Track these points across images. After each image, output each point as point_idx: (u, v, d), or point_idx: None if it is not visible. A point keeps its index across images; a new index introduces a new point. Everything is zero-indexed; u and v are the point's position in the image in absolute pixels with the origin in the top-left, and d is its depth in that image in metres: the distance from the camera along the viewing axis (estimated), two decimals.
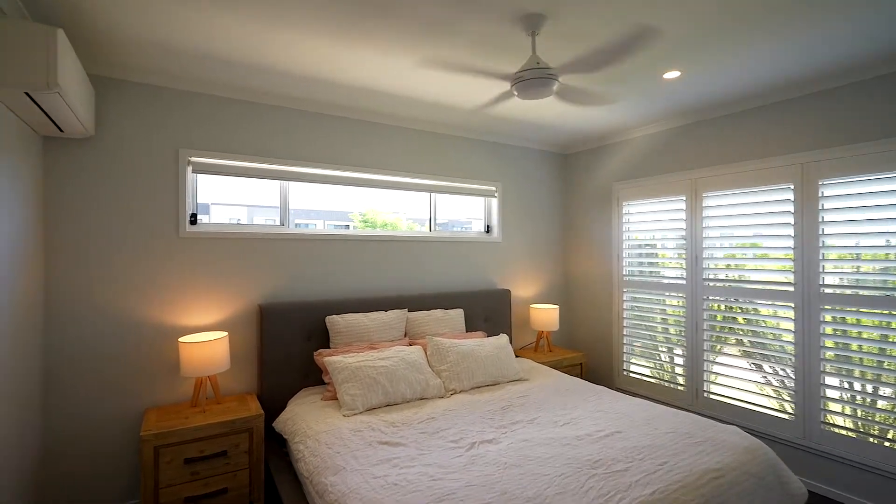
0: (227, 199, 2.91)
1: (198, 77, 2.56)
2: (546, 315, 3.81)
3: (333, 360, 2.56)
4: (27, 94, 1.65)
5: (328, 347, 2.90)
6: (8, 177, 1.92)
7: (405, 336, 3.12)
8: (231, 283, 2.76)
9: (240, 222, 2.93)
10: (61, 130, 2.16)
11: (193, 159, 2.67)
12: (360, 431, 2.12)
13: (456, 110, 3.18)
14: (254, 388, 2.84)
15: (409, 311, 3.24)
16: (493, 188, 3.93)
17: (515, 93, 2.07)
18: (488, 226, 4.02)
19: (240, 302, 2.79)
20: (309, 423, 2.24)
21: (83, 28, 2.00)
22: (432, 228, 3.76)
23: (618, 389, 3.91)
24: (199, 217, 2.77)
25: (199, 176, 2.78)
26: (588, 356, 4.19)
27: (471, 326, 3.55)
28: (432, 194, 3.74)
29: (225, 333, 2.55)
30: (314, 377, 2.86)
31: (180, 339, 2.44)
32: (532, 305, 3.92)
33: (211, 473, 2.28)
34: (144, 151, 2.52)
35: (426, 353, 2.88)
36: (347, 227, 3.44)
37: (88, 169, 2.39)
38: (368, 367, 2.51)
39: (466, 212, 4.01)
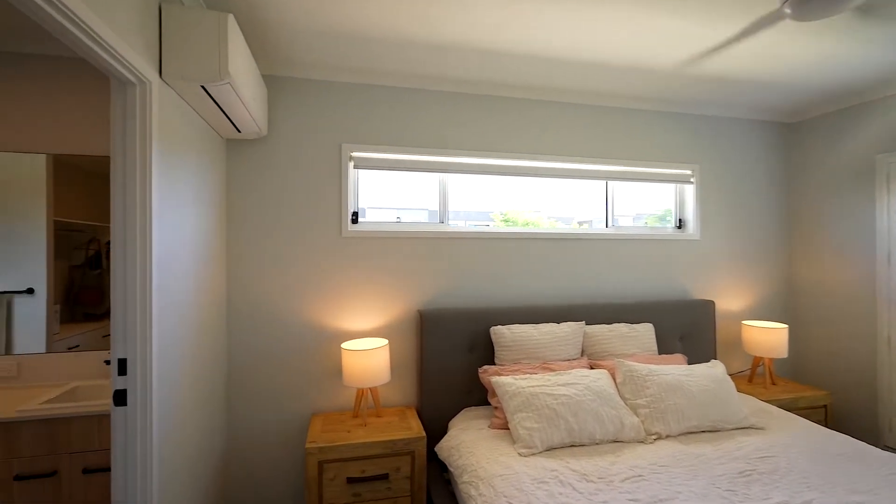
0: (380, 202, 2.73)
1: (358, 67, 2.40)
2: (769, 336, 2.85)
3: (503, 382, 2.14)
4: (203, 87, 1.58)
5: (493, 363, 2.51)
6: (203, 179, 1.94)
7: (582, 355, 2.56)
8: (390, 286, 2.56)
9: (399, 220, 2.73)
10: (238, 131, 2.16)
11: (355, 154, 2.53)
12: (544, 483, 1.65)
13: (653, 73, 2.50)
14: (413, 400, 2.60)
15: (586, 324, 2.68)
16: (689, 172, 3.11)
17: (788, 11, 1.37)
18: (680, 220, 3.21)
19: (399, 307, 2.57)
20: (479, 459, 1.85)
21: (254, 23, 1.93)
22: (610, 224, 3.11)
23: (886, 448, 2.74)
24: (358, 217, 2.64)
25: (359, 174, 2.64)
26: (835, 397, 3.05)
27: (663, 347, 2.82)
28: (609, 183, 3.10)
29: (385, 342, 2.34)
30: (478, 395, 2.50)
31: (343, 346, 2.29)
32: (745, 322, 2.98)
33: (372, 497, 2.06)
34: (310, 149, 2.46)
35: (615, 380, 2.28)
36: (488, 227, 3.02)
37: (261, 169, 2.39)
38: (546, 395, 2.03)
39: (646, 204, 3.26)
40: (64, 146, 2.13)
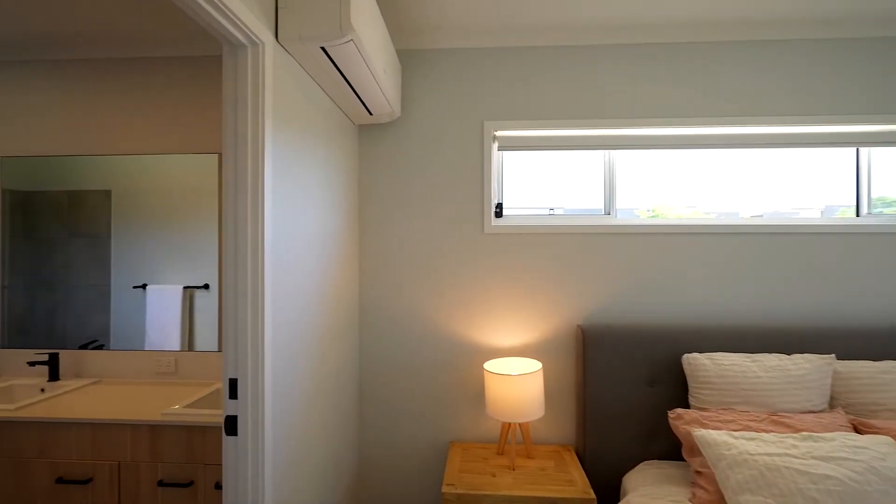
0: (524, 194, 2.23)
1: (502, 25, 1.95)
2: None
3: (714, 440, 1.48)
4: (324, 50, 1.29)
5: (685, 403, 1.84)
6: (332, 168, 1.71)
7: (832, 406, 1.73)
8: (543, 293, 2.06)
9: (552, 213, 2.22)
10: (370, 113, 1.89)
11: (499, 133, 2.10)
12: None
13: None
14: (572, 438, 2.06)
15: (836, 357, 1.82)
16: None
17: None
18: None
19: (554, 320, 2.06)
20: None
21: None
22: (862, 212, 2.14)
23: None
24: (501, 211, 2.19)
25: (504, 159, 2.20)
26: None
27: None
28: (861, 150, 2.12)
29: (538, 366, 1.85)
30: (664, 444, 1.85)
31: (486, 366, 1.87)
32: None
33: None
34: (448, 130, 2.10)
35: None
36: None
37: (394, 157, 2.11)
38: (797, 473, 1.31)
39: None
40: None
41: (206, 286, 2.01)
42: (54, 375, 2.09)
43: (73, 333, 2.09)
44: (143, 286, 2.02)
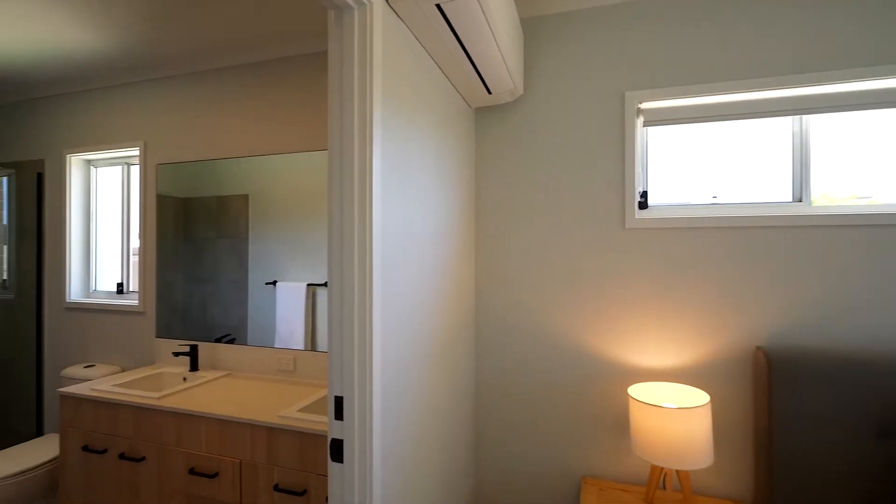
0: (669, 188, 1.79)
1: None
2: None
3: None
4: (438, 7, 1.08)
5: None
6: (448, 155, 1.52)
7: None
8: (704, 304, 1.62)
9: (716, 201, 1.75)
10: (489, 92, 1.65)
11: (645, 105, 1.71)
12: None
13: None
14: (746, 493, 1.58)
15: None
16: None
17: None
18: None
19: (720, 338, 1.61)
20: None
21: None
22: None
23: None
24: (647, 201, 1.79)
25: (648, 138, 1.80)
26: None
27: None
28: None
29: (705, 398, 1.44)
30: None
31: (631, 391, 1.52)
32: None
33: None
34: (578, 107, 1.77)
35: None
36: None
37: (515, 141, 1.85)
38: None
39: None
40: None
41: (326, 284, 2.05)
42: (194, 366, 2.24)
43: (220, 323, 2.25)
44: (274, 283, 2.11)
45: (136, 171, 2.67)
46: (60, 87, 2.66)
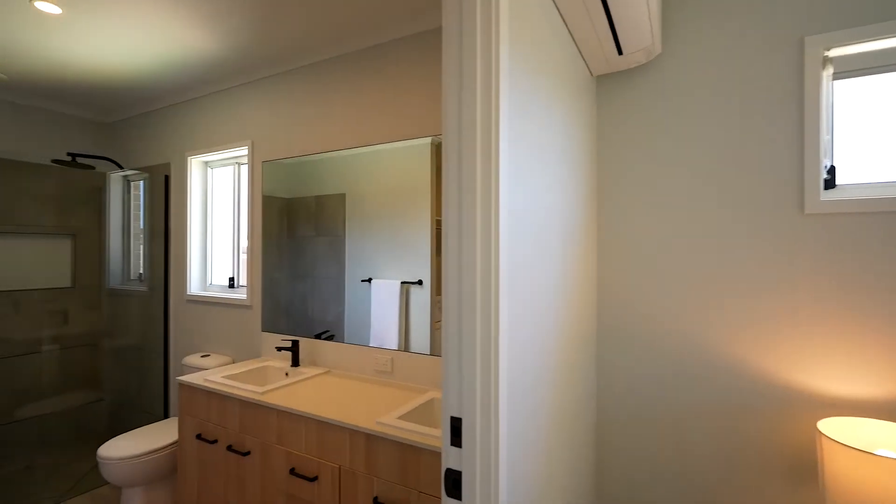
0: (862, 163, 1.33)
1: None
2: None
3: None
4: None
5: None
6: (572, 133, 1.28)
7: None
8: None
9: None
10: (620, 51, 1.37)
11: (835, 52, 1.31)
12: None
13: None
14: None
15: None
16: None
17: None
18: None
19: None
20: None
21: None
22: None
23: None
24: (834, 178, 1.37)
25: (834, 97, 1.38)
26: None
27: None
28: None
29: None
30: None
31: (821, 426, 1.15)
32: None
33: None
34: (735, 63, 1.41)
35: None
36: None
37: (647, 113, 1.54)
38: None
39: None
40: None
41: (420, 282, 1.96)
42: (296, 361, 2.24)
43: (319, 318, 2.27)
44: (369, 280, 2.09)
45: (244, 170, 2.78)
46: (181, 95, 2.86)
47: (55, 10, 1.89)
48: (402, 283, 2.01)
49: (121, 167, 3.19)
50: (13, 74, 2.62)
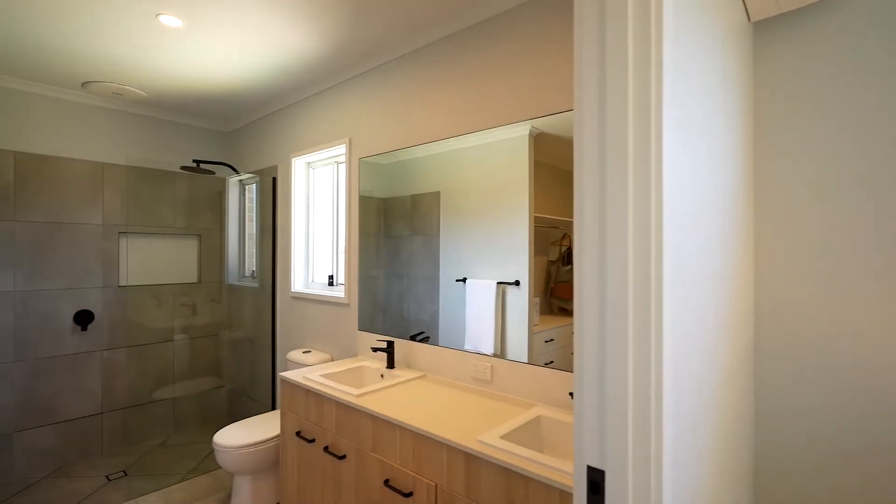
0: None
1: None
2: None
3: None
4: None
5: None
6: (733, 105, 0.99)
7: None
8: None
9: None
10: None
11: None
12: None
13: None
14: None
15: None
16: None
17: None
18: None
19: None
20: None
21: None
22: None
23: None
24: None
25: None
26: None
27: None
28: None
29: None
30: None
31: None
32: None
33: None
34: None
35: None
36: None
37: (821, 60, 1.15)
38: None
39: None
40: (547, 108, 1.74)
41: (517, 282, 1.81)
42: (391, 362, 2.16)
43: (414, 318, 2.21)
44: (464, 280, 2.00)
45: (343, 169, 2.80)
46: (285, 100, 2.98)
47: (177, 23, 2.02)
48: (497, 283, 1.88)
49: (236, 171, 3.44)
50: (151, 92, 2.92)
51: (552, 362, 1.70)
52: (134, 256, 3.23)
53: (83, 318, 2.96)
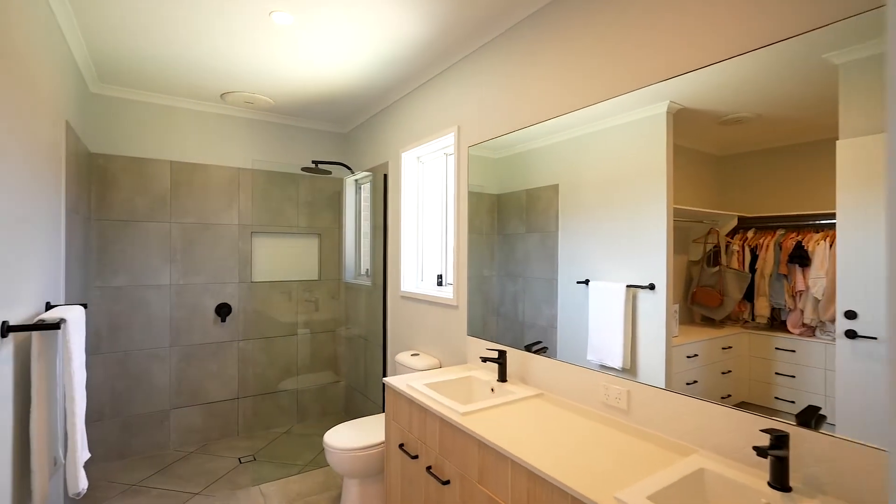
0: None
1: None
2: None
3: None
4: None
5: None
6: None
7: None
8: None
9: None
10: None
11: None
12: None
13: None
14: None
15: None
16: None
17: None
18: None
19: None
20: None
21: None
22: None
23: None
24: None
25: None
26: None
27: None
28: None
29: None
30: None
31: None
32: None
33: None
34: None
35: None
36: None
37: None
38: None
39: None
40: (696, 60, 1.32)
41: (652, 286, 1.49)
42: (502, 375, 1.89)
43: (529, 323, 1.95)
44: (586, 282, 1.70)
45: (452, 161, 2.61)
46: (394, 94, 2.90)
47: (288, 19, 2.02)
48: (627, 286, 1.55)
49: (352, 171, 3.49)
50: (277, 98, 3.08)
51: (695, 382, 1.33)
52: (262, 254, 3.46)
53: (223, 311, 3.24)
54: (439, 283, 2.67)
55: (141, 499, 2.46)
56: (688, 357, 1.41)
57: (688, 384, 1.35)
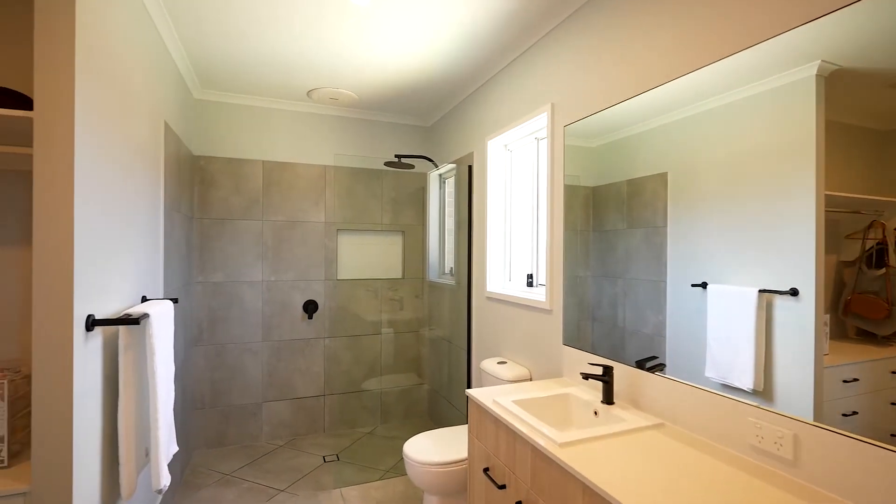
0: None
1: None
2: None
3: None
4: None
5: None
6: None
7: None
8: None
9: None
10: None
11: None
12: None
13: None
14: None
15: None
16: None
17: None
18: None
19: None
20: None
21: None
22: None
23: None
24: None
25: None
26: None
27: None
28: None
29: None
30: None
31: None
32: None
33: None
34: None
35: None
36: None
37: None
38: None
39: None
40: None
41: (794, 291, 1.19)
42: (608, 397, 1.57)
43: (634, 331, 1.65)
44: (703, 285, 1.42)
45: (544, 147, 2.31)
46: (478, 79, 2.67)
47: (363, 1, 1.89)
48: (759, 291, 1.24)
49: (435, 165, 3.33)
50: (361, 93, 3.02)
51: (854, 414, 1.00)
52: (347, 252, 3.44)
53: (310, 308, 3.27)
54: (529, 284, 2.39)
55: (232, 490, 2.52)
56: (844, 382, 1.08)
57: (844, 415, 1.02)
